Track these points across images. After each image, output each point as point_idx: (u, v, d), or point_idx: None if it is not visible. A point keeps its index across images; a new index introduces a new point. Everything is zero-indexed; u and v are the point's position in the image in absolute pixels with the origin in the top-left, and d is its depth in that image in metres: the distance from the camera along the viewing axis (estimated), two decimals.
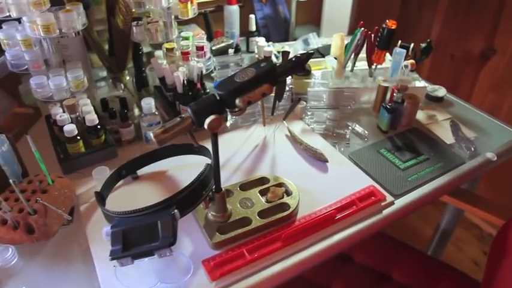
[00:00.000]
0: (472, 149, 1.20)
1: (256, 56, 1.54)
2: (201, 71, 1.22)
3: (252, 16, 1.66)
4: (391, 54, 1.36)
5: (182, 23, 1.42)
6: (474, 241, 2.20)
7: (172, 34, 1.30)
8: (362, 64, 1.42)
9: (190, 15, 1.29)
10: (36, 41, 1.14)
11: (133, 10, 1.21)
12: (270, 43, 1.62)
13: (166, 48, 1.28)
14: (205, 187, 0.86)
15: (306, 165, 1.13)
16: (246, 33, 1.72)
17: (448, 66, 2.21)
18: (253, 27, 1.67)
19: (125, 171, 1.08)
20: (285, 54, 1.19)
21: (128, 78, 1.41)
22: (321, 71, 1.42)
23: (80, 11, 1.13)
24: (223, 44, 1.47)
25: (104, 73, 1.47)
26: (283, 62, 1.18)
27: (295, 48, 1.59)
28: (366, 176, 1.10)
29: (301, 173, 1.10)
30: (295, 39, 1.81)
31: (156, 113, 1.16)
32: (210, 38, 1.50)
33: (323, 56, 1.54)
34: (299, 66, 0.81)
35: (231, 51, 1.54)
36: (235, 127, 1.27)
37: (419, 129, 1.29)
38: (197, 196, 0.84)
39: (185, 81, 1.22)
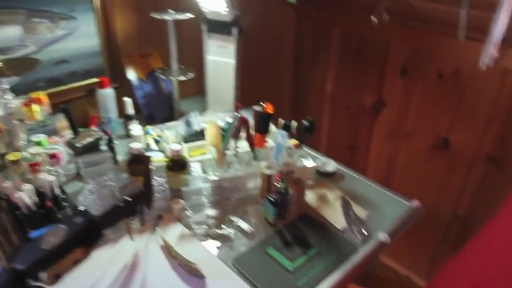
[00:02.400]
0: (364, 232, 1.13)
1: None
2: (52, 186, 1.05)
3: (127, 100, 1.51)
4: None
5: None
6: (393, 286, 2.15)
7: (18, 141, 1.11)
8: (245, 144, 1.32)
9: (40, 118, 1.11)
10: None
11: None
12: (149, 127, 1.48)
13: (11, 161, 1.09)
14: None
15: (183, 285, 0.98)
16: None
17: (346, 117, 2.20)
18: (130, 111, 1.53)
19: None
20: (145, 158, 1.05)
21: None
22: (199, 163, 1.29)
23: None
24: (90, 140, 1.30)
25: None
26: (145, 172, 1.03)
27: (177, 131, 1.46)
28: None
29: None
30: (181, 115, 1.69)
31: None
32: (75, 133, 1.33)
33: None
34: (129, 210, 0.67)
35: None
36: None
37: (309, 215, 1.20)
38: None
39: (33, 200, 1.03)
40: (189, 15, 1.49)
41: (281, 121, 1.30)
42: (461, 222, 1.84)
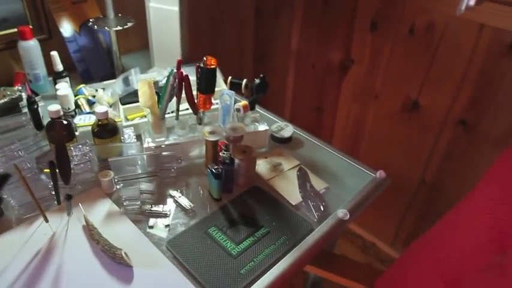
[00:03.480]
0: (322, 207, 0.99)
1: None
2: None
3: (54, 53, 1.29)
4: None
5: None
6: (358, 253, 2.08)
7: None
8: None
9: None
10: None
11: None
12: (82, 86, 1.28)
13: None
14: None
15: (105, 274, 0.82)
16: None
17: (312, 76, 2.04)
18: (59, 67, 1.31)
19: None
20: (56, 123, 0.86)
21: None
22: (132, 128, 1.11)
23: None
24: (5, 100, 1.10)
25: None
26: (57, 139, 0.85)
27: (113, 91, 1.26)
28: (185, 279, 0.82)
29: None
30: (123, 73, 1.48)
31: None
32: None
33: None
34: None
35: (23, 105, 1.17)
36: (11, 224, 0.92)
37: (260, 188, 1.05)
38: None
39: None
40: None
41: (229, 79, 1.13)
42: (429, 189, 1.75)
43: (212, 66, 1.02)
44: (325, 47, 1.91)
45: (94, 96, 1.27)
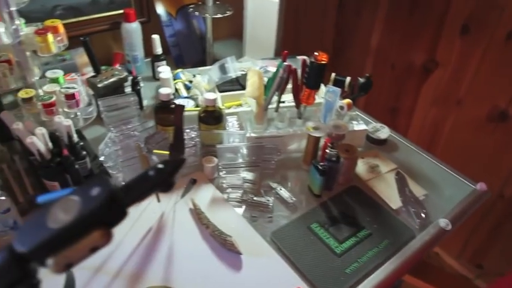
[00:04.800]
0: (423, 215, 0.97)
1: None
2: (69, 131, 0.90)
3: (156, 37, 1.33)
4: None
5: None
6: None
7: (31, 77, 0.95)
8: (289, 98, 1.14)
9: (54, 50, 0.95)
10: None
11: None
12: (179, 71, 1.31)
13: (23, 99, 0.93)
14: None
15: (214, 260, 0.84)
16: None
17: (390, 76, 1.99)
18: (159, 50, 1.35)
19: None
20: (178, 109, 0.88)
21: None
22: (235, 117, 1.13)
23: None
24: (113, 79, 1.14)
25: None
26: (176, 123, 0.87)
27: (210, 77, 1.28)
28: (293, 272, 0.83)
29: (207, 274, 0.82)
30: (214, 60, 1.50)
31: (2, 197, 0.83)
32: (96, 71, 1.16)
33: (243, 88, 1.25)
34: (162, 183, 0.51)
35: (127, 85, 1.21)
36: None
37: (359, 188, 1.04)
38: None
39: (48, 147, 0.88)
40: None
41: (333, 75, 1.12)
42: (507, 204, 1.68)
43: (323, 62, 1.01)
44: (408, 47, 1.85)
45: (191, 82, 1.29)
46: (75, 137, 0.93)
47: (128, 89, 1.22)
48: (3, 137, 1.08)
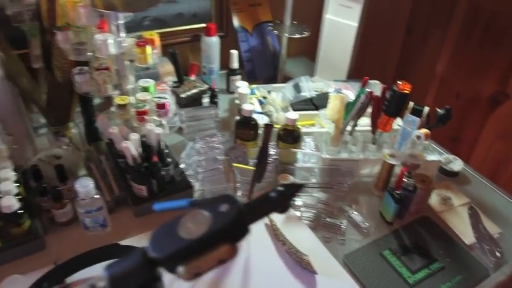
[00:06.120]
0: (498, 254, 0.96)
1: (237, 102, 1.26)
2: (159, 139, 0.95)
3: (234, 52, 1.38)
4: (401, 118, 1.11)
5: None
6: None
7: (126, 84, 1.02)
8: (363, 122, 1.16)
9: (151, 62, 1.00)
10: None
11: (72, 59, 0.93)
12: (254, 87, 1.35)
13: (118, 105, 1.00)
14: None
15: (290, 277, 0.87)
16: (227, 66, 1.45)
17: (453, 105, 1.95)
18: (235, 65, 1.40)
19: (47, 283, 0.80)
20: (268, 128, 0.92)
21: (74, 130, 1.12)
22: (311, 136, 1.15)
23: None
24: (195, 91, 1.19)
25: None
26: (265, 141, 0.91)
27: (284, 95, 1.32)
28: None
29: None
30: (284, 77, 1.54)
31: (97, 196, 0.88)
32: (180, 81, 1.22)
33: (316, 108, 1.27)
34: (281, 205, 0.54)
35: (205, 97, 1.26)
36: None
37: (431, 219, 1.04)
38: None
39: (139, 152, 0.94)
40: None
41: (411, 104, 1.13)
42: None
43: (405, 91, 1.02)
44: (477, 76, 1.82)
45: (264, 98, 1.33)
46: (163, 144, 0.98)
47: (205, 100, 1.28)
48: (91, 137, 1.16)
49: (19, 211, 0.86)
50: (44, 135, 1.20)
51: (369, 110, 1.10)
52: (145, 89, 1.04)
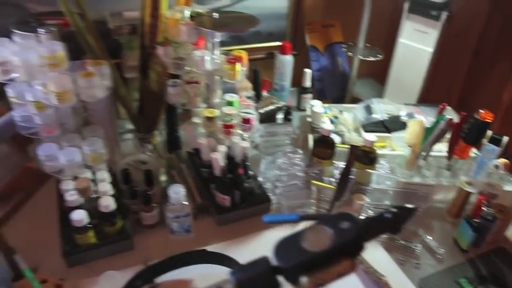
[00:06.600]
0: None
1: (309, 120, 1.30)
2: (245, 152, 1.00)
3: (308, 71, 1.42)
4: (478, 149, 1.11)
5: None
6: None
7: (214, 98, 1.08)
8: (437, 147, 1.16)
9: (239, 78, 1.06)
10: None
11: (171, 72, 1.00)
12: (326, 106, 1.38)
13: (206, 117, 1.05)
14: None
15: None
16: (297, 84, 1.50)
17: None
18: (308, 83, 1.44)
19: (140, 281, 0.86)
20: (354, 149, 0.95)
21: (158, 138, 1.20)
22: (386, 159, 1.17)
23: (104, 72, 0.92)
24: (272, 107, 1.24)
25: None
26: (349, 162, 0.94)
27: (355, 116, 1.34)
28: None
29: None
30: (352, 98, 1.57)
31: (185, 202, 0.94)
32: (258, 97, 1.27)
33: (388, 131, 1.29)
34: (394, 226, 0.57)
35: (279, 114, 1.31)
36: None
37: (508, 251, 1.03)
38: None
39: (225, 164, 0.99)
40: None
41: (489, 133, 1.12)
42: None
43: (487, 120, 1.02)
44: None
45: (336, 117, 1.36)
46: (246, 158, 1.03)
47: (279, 116, 1.32)
48: (171, 146, 1.22)
49: (114, 211, 0.93)
50: (127, 141, 1.27)
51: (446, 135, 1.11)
52: (230, 103, 1.10)
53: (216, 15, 1.00)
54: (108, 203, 0.91)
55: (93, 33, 0.96)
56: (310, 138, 1.24)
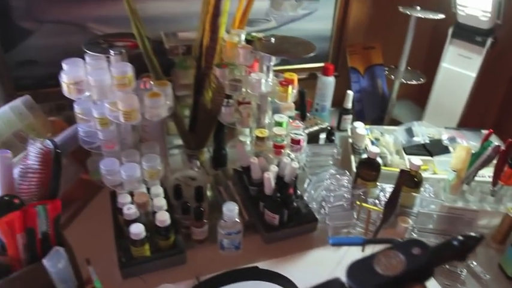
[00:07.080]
0: None
1: (350, 141, 1.33)
2: (295, 173, 1.03)
3: (350, 93, 1.45)
4: None
5: None
6: None
7: (265, 119, 1.12)
8: (481, 172, 1.17)
9: (290, 101, 1.10)
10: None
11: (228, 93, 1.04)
12: (367, 127, 1.41)
13: (257, 137, 1.09)
14: None
15: None
16: (336, 104, 1.53)
17: None
18: (349, 105, 1.47)
19: None
20: (403, 173, 0.98)
21: (206, 155, 1.24)
22: (429, 182, 1.18)
23: (168, 92, 0.97)
24: (316, 128, 1.27)
25: (179, 140, 1.31)
26: (398, 186, 0.96)
27: (396, 138, 1.36)
28: None
29: None
30: (391, 120, 1.59)
31: (238, 220, 0.97)
32: (303, 117, 1.31)
33: (430, 154, 1.31)
34: (461, 254, 0.59)
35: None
36: (322, 241, 1.06)
37: None
38: None
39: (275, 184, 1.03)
40: (440, 16, 1.36)
41: None
42: None
43: None
44: None
45: (377, 139, 1.38)
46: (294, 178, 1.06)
47: (321, 136, 1.35)
48: (217, 163, 1.27)
49: (168, 226, 0.97)
50: (173, 156, 1.32)
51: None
52: (279, 124, 1.13)
53: (273, 40, 1.05)
54: (164, 218, 0.95)
55: (155, 54, 1.01)
56: (352, 159, 1.27)
